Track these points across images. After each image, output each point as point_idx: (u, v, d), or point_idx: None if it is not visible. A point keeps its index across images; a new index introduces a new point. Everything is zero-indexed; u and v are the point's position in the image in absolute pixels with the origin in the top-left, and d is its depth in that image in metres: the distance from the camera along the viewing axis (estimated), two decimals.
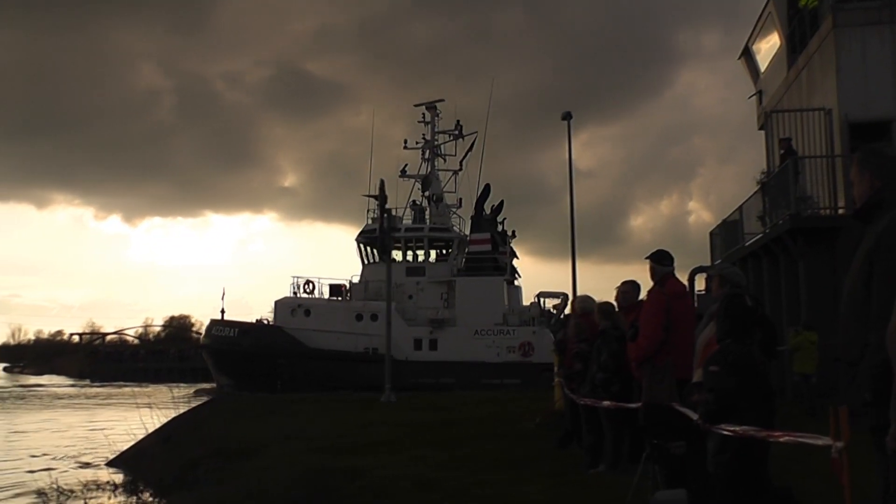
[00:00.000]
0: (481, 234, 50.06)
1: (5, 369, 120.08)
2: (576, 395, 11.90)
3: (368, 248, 50.97)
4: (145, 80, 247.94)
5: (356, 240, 52.10)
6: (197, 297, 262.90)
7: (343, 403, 25.54)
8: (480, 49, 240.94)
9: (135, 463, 20.21)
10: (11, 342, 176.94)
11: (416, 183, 52.95)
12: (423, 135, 53.64)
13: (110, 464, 21.04)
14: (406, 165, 52.84)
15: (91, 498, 16.53)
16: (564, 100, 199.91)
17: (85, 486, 17.85)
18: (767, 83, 29.85)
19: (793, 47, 26.36)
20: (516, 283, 52.00)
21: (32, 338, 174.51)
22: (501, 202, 53.05)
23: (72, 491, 17.43)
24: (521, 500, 9.37)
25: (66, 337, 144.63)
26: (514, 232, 52.60)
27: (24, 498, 17.39)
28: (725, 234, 28.27)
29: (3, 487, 18.66)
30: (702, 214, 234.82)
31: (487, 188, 52.10)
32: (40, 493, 17.54)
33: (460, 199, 52.88)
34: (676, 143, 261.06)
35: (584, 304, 13.47)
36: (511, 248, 51.68)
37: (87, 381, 74.88)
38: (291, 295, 51.63)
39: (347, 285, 51.57)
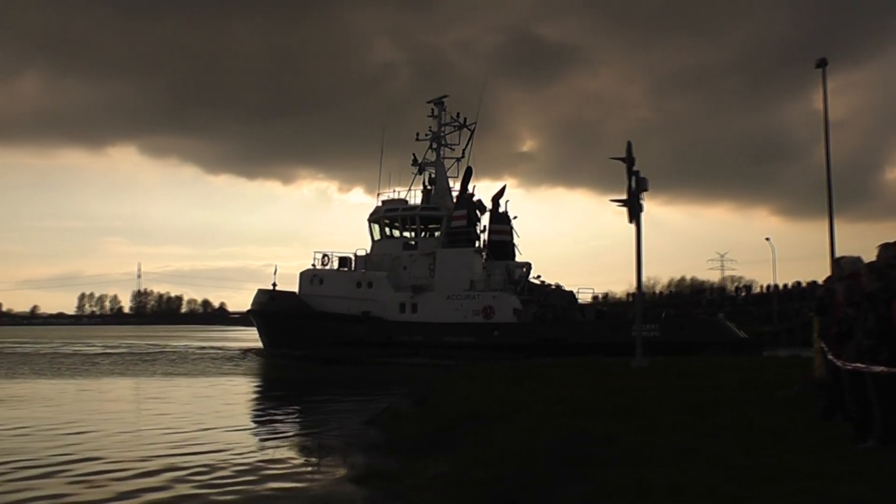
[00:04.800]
0: (459, 210, 57.07)
1: None
2: (839, 361, 11.31)
3: (377, 226, 60.25)
4: (380, 56, 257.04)
5: (367, 220, 61.02)
6: None
7: (592, 369, 25.47)
8: (715, 2, 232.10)
9: (391, 423, 21.00)
10: None
11: (418, 169, 61.06)
12: (430, 127, 61.14)
13: (367, 423, 21.99)
14: (414, 153, 61.02)
15: (350, 455, 17.34)
16: (807, 46, 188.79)
17: (345, 443, 18.87)
18: None
19: None
20: (517, 258, 57.99)
21: None
22: (504, 187, 60.52)
23: (333, 447, 18.45)
24: (789, 473, 8.93)
25: None
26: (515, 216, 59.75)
27: (288, 450, 18.45)
28: None
29: (270, 444, 19.87)
30: None
31: (469, 170, 59.38)
32: (303, 447, 18.70)
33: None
34: None
35: (852, 266, 12.74)
36: (512, 227, 58.65)
37: None
38: (311, 267, 60.75)
39: (353, 258, 60.27)
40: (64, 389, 36.03)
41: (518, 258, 58.10)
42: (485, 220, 58.96)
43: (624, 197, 28.72)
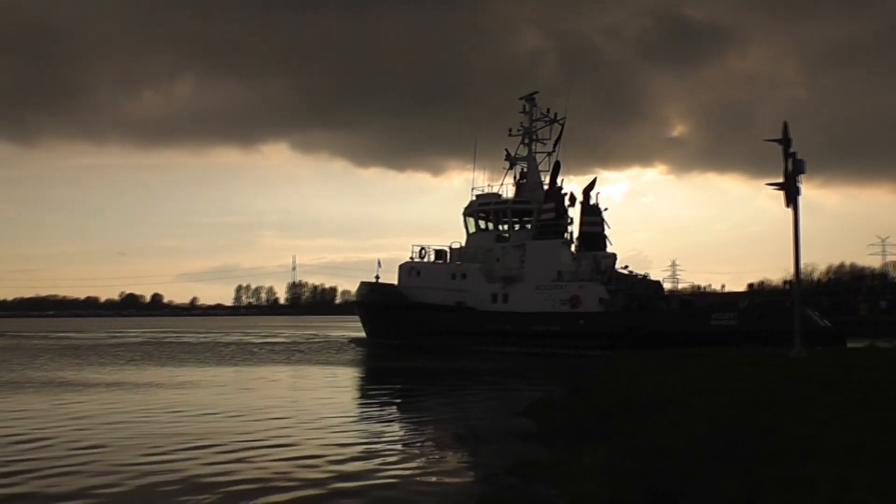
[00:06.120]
0: (548, 203, 58.04)
1: None
2: None
3: (472, 220, 62.22)
4: (527, 44, 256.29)
5: (462, 213, 62.96)
6: None
7: (747, 359, 24.84)
8: None
9: (545, 413, 21.07)
10: None
11: (510, 164, 62.48)
12: (521, 123, 62.40)
13: (523, 413, 22.13)
14: (507, 149, 62.58)
15: (504, 444, 17.51)
16: None
17: (499, 433, 19.07)
18: None
19: None
20: (608, 249, 58.38)
21: None
22: (594, 180, 60.66)
23: (487, 437, 18.68)
24: None
25: None
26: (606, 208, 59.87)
27: (444, 440, 18.79)
28: None
29: (426, 433, 20.23)
30: None
31: (558, 164, 60.72)
32: (458, 436, 19.01)
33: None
34: None
35: None
36: (603, 219, 58.76)
37: None
38: (409, 259, 63.91)
39: (448, 251, 62.94)
40: (238, 377, 38.29)
41: (609, 248, 58.85)
42: (577, 211, 59.76)
43: (780, 180, 27.79)
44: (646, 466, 11.34)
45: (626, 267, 58.54)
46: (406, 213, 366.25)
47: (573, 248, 58.37)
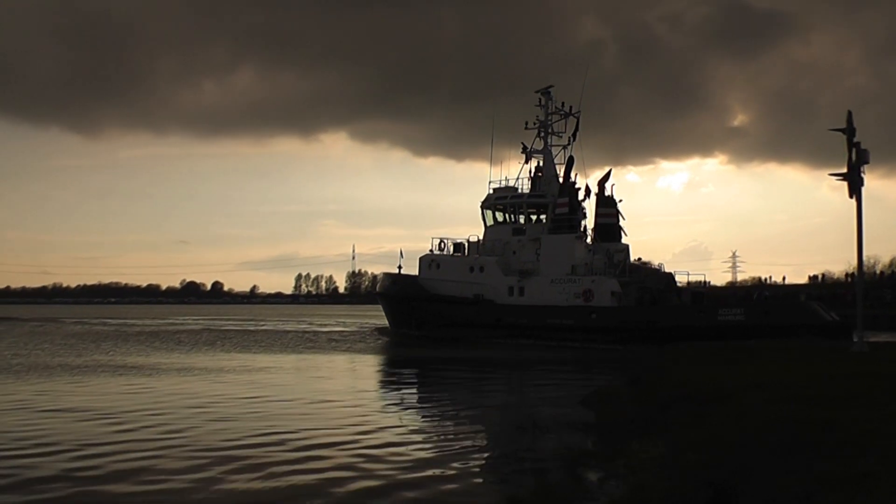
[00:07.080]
0: (562, 198, 58.43)
1: None
2: None
3: (489, 213, 62.81)
4: (587, 33, 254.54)
5: (480, 206, 63.48)
6: (652, 243, 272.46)
7: (808, 353, 24.64)
8: None
9: (604, 403, 21.15)
10: None
11: (526, 157, 62.85)
12: (537, 116, 62.87)
13: (582, 403, 22.22)
14: (523, 142, 63.00)
15: (564, 435, 17.63)
16: None
17: (559, 423, 19.19)
18: None
19: None
20: (623, 241, 58.68)
21: None
22: (609, 172, 60.98)
23: (547, 427, 18.80)
24: None
25: None
26: (621, 199, 59.86)
27: (504, 430, 18.96)
28: None
29: (485, 423, 20.42)
30: None
31: (571, 159, 61.28)
32: (519, 427, 19.16)
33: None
34: None
35: None
36: (618, 210, 58.88)
37: None
38: (430, 252, 64.35)
39: (467, 244, 63.33)
40: (301, 364, 39.28)
41: (624, 240, 59.14)
42: (592, 203, 60.19)
43: (843, 170, 27.39)
44: (705, 459, 11.42)
45: (640, 259, 59.45)
46: (464, 202, 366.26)
47: (589, 239, 58.75)
